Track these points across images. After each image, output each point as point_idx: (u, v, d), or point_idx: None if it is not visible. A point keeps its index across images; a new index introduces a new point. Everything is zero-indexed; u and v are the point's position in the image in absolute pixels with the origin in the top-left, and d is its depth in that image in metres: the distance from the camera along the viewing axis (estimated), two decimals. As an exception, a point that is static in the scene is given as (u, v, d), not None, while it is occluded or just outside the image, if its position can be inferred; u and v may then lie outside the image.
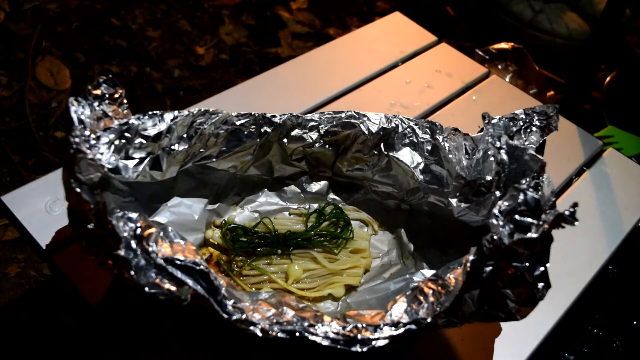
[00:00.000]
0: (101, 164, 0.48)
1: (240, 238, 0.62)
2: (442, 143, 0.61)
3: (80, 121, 0.47)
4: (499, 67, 1.25)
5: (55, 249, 0.61)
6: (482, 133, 0.58)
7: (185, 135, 0.56)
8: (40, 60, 1.40)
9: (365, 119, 0.63)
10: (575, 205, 0.40)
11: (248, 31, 1.65)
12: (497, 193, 0.54)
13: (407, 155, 0.63)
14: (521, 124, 0.57)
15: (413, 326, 0.45)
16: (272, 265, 0.62)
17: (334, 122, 0.63)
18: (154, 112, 0.53)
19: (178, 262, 0.43)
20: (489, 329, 0.60)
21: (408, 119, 0.63)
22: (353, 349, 0.44)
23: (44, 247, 0.61)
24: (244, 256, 0.62)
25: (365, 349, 0.44)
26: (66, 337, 0.88)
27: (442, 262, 0.60)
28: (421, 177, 0.62)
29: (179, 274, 0.43)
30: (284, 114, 0.61)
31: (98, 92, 0.50)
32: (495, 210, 0.45)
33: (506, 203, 0.45)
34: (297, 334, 0.44)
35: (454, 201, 0.60)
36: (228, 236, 0.62)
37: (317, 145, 0.64)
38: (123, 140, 0.51)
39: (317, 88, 0.89)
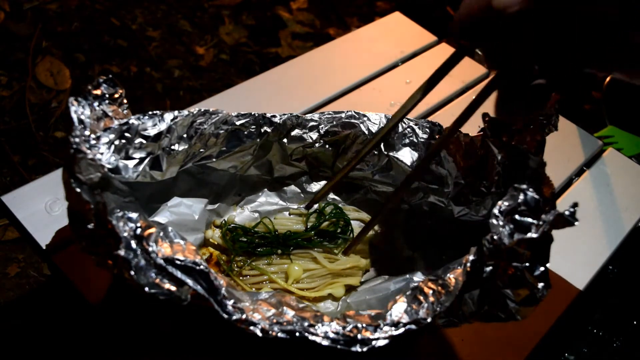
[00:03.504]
0: (101, 164, 0.48)
1: (241, 238, 0.62)
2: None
3: (80, 121, 0.47)
4: (499, 67, 1.25)
5: (55, 249, 0.61)
6: (482, 133, 0.58)
7: (185, 135, 0.56)
8: (40, 60, 1.40)
9: (365, 119, 0.63)
10: (575, 205, 0.40)
11: (248, 31, 1.65)
12: (497, 193, 0.54)
13: (407, 155, 0.63)
14: (521, 124, 0.57)
15: (413, 326, 0.45)
16: (272, 265, 0.62)
17: (334, 122, 0.63)
18: (154, 112, 0.53)
19: (178, 262, 0.43)
20: (489, 329, 0.60)
21: (408, 119, 0.63)
22: (353, 349, 0.44)
23: (44, 247, 0.61)
24: (244, 256, 0.62)
25: (365, 349, 0.44)
26: (66, 337, 0.88)
27: (442, 262, 0.60)
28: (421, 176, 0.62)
29: (179, 274, 0.43)
30: (284, 114, 0.61)
31: (98, 92, 0.50)
32: (496, 210, 0.45)
33: (506, 203, 0.45)
34: (297, 334, 0.44)
35: (453, 201, 0.60)
36: (228, 236, 0.62)
37: (317, 145, 0.64)
38: (123, 140, 0.51)
39: (317, 88, 0.89)
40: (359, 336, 0.45)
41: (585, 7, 0.36)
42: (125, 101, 0.52)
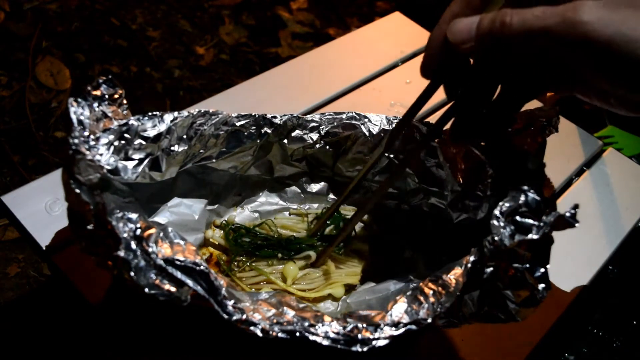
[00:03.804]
0: (100, 165, 0.48)
1: (243, 238, 0.62)
2: (442, 144, 0.61)
3: (80, 122, 0.46)
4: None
5: (55, 249, 0.61)
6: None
7: (185, 136, 0.56)
8: (40, 60, 1.40)
9: (366, 120, 0.63)
10: (576, 206, 0.40)
11: (248, 31, 1.65)
12: (497, 195, 0.54)
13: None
14: (521, 125, 0.57)
15: (413, 326, 0.45)
16: (272, 266, 0.61)
17: (335, 123, 0.63)
18: (154, 113, 0.53)
19: (178, 263, 0.43)
20: (489, 329, 0.60)
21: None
22: (353, 348, 0.44)
23: (44, 247, 0.61)
24: (245, 257, 0.62)
25: (365, 349, 0.44)
26: (66, 337, 0.88)
27: (442, 263, 0.60)
28: (421, 178, 0.62)
29: (179, 274, 0.43)
30: (285, 115, 0.61)
31: (98, 92, 0.50)
32: (496, 212, 0.45)
33: (507, 204, 0.45)
34: (298, 334, 0.44)
35: (452, 205, 0.60)
36: (231, 236, 0.62)
37: (317, 146, 0.64)
38: (122, 141, 0.51)
39: (317, 88, 0.89)
40: (360, 336, 0.45)
41: (538, 45, 0.38)
42: (125, 102, 0.52)
